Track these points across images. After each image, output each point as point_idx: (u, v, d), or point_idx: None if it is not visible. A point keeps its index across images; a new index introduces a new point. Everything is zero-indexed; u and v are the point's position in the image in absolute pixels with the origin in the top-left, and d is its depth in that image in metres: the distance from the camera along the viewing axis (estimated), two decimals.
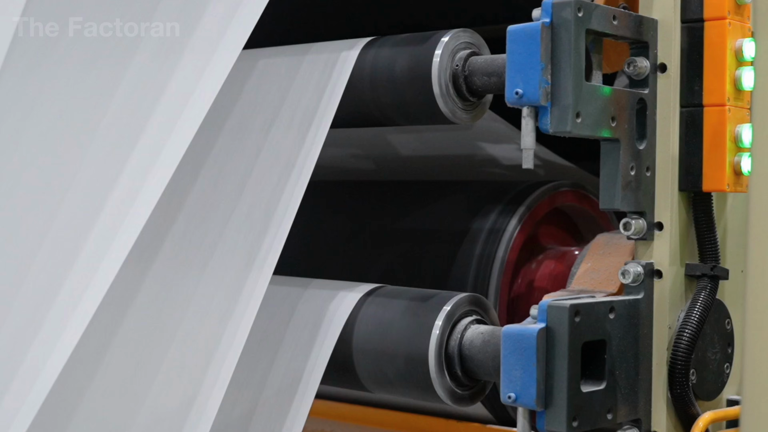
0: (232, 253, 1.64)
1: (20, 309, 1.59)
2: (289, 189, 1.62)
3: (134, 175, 1.58)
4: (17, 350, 1.54)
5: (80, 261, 1.56)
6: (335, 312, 1.66)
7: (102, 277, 1.52)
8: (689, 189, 1.54)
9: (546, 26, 1.42)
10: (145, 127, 1.60)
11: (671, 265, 1.53)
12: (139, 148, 1.59)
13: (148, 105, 1.61)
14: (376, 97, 1.67)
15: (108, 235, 1.55)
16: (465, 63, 1.61)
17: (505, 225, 1.86)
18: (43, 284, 1.58)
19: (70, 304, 1.53)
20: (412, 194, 2.13)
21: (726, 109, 1.51)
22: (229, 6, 1.63)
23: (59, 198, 1.63)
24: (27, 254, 1.61)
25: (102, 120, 1.65)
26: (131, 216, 1.55)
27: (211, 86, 1.58)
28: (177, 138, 1.57)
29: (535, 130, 1.43)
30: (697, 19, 1.53)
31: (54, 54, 1.73)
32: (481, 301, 1.65)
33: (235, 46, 1.60)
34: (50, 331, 1.54)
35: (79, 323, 1.51)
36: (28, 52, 1.72)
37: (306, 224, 1.72)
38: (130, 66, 1.66)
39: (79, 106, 1.69)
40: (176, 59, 1.63)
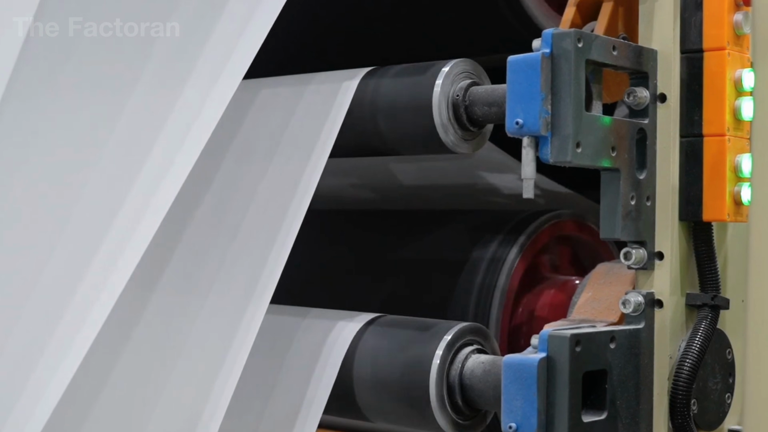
0: (231, 283, 1.64)
1: (20, 338, 1.59)
2: (289, 218, 1.62)
3: (135, 203, 1.58)
4: (17, 378, 1.54)
5: (81, 289, 1.56)
6: (335, 342, 1.65)
7: (102, 306, 1.52)
8: (689, 219, 1.54)
9: (546, 56, 1.42)
10: (146, 156, 1.60)
11: (672, 295, 1.53)
12: (141, 177, 1.60)
13: (149, 134, 1.62)
14: (377, 126, 1.68)
15: (108, 264, 1.55)
16: (465, 93, 1.62)
17: (506, 254, 1.86)
18: (42, 313, 1.58)
19: (69, 334, 1.53)
20: (412, 223, 2.13)
21: (726, 139, 1.52)
22: (232, 35, 1.63)
23: (60, 225, 1.63)
24: (27, 282, 1.61)
25: (103, 149, 1.65)
26: (131, 245, 1.55)
27: (212, 116, 1.58)
28: (178, 167, 1.57)
29: (535, 160, 1.44)
30: (697, 49, 1.53)
31: (56, 80, 1.74)
32: (482, 331, 1.64)
33: (237, 76, 1.60)
34: (49, 362, 1.53)
35: (78, 353, 1.51)
36: (30, 77, 1.73)
37: (306, 253, 1.72)
38: (132, 94, 1.66)
39: (80, 134, 1.69)
40: (178, 88, 1.63)
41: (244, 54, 1.61)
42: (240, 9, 1.65)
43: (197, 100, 1.61)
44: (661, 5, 1.54)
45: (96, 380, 1.57)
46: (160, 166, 1.59)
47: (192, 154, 1.57)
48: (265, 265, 1.60)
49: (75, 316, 1.54)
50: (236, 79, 1.60)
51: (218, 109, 1.58)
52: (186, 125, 1.60)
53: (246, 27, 1.63)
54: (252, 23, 1.63)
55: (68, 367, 1.51)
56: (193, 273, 1.67)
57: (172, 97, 1.63)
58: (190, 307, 1.64)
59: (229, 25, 1.64)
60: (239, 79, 1.60)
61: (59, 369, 1.51)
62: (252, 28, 1.62)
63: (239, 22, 1.64)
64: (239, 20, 1.64)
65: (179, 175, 1.56)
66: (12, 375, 1.55)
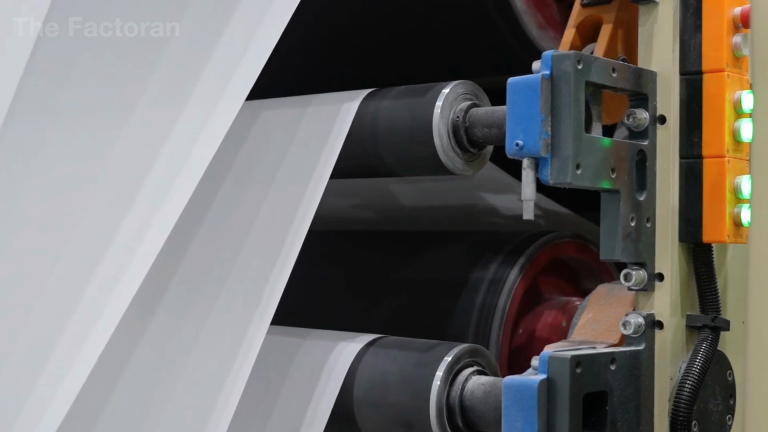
0: (232, 303, 1.64)
1: (20, 357, 1.59)
2: (290, 239, 1.62)
3: (137, 224, 1.58)
4: (17, 398, 1.54)
5: (82, 309, 1.56)
6: (335, 363, 1.65)
7: (104, 325, 1.52)
8: (689, 240, 1.54)
9: (546, 78, 1.42)
10: (147, 176, 1.61)
11: (672, 316, 1.53)
12: (141, 198, 1.60)
13: (150, 155, 1.62)
14: (377, 148, 1.68)
15: (110, 283, 1.56)
16: (465, 114, 1.62)
17: (506, 275, 1.86)
18: (44, 332, 1.58)
19: (71, 352, 1.53)
20: (412, 244, 2.13)
21: (725, 161, 1.52)
22: (233, 57, 1.64)
23: (59, 247, 1.63)
24: (28, 301, 1.61)
25: (104, 170, 1.66)
26: (133, 265, 1.55)
27: (214, 137, 1.59)
28: (179, 189, 1.58)
29: (535, 181, 1.44)
30: (696, 71, 1.54)
31: (56, 102, 1.74)
32: (482, 352, 1.64)
33: (238, 97, 1.61)
34: (51, 380, 1.53)
35: (80, 372, 1.51)
36: (33, 95, 1.73)
37: (306, 274, 1.72)
38: (134, 115, 1.67)
39: (81, 155, 1.70)
40: (179, 109, 1.64)
41: (246, 75, 1.62)
42: (242, 31, 1.65)
43: (199, 121, 1.62)
44: (661, 27, 1.55)
45: (97, 400, 1.57)
46: (160, 187, 1.59)
47: (193, 175, 1.57)
48: (266, 286, 1.60)
49: (75, 336, 1.54)
50: (238, 101, 1.60)
51: (220, 131, 1.59)
52: (187, 147, 1.60)
53: (248, 49, 1.64)
54: (253, 45, 1.63)
55: (68, 390, 1.51)
56: (194, 294, 1.67)
57: (173, 117, 1.63)
58: (190, 328, 1.64)
59: (231, 46, 1.65)
60: (241, 100, 1.60)
61: (58, 391, 1.51)
62: (253, 50, 1.63)
63: (241, 44, 1.64)
64: (241, 42, 1.65)
65: (180, 197, 1.57)
66: (5, 408, 1.55)
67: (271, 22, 1.63)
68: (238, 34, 1.65)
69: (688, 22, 1.54)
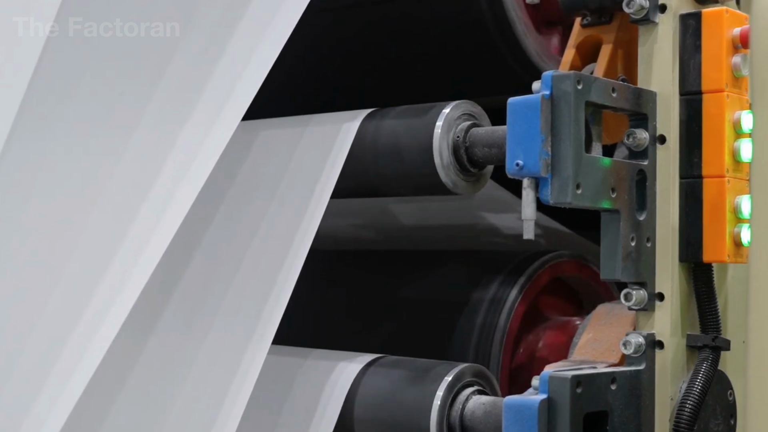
0: (232, 323, 1.64)
1: (19, 376, 1.58)
2: (290, 258, 1.62)
3: (135, 243, 1.58)
4: (16, 415, 1.54)
5: (81, 324, 1.56)
6: (336, 383, 1.65)
7: (102, 342, 1.52)
8: (690, 260, 1.54)
9: (546, 98, 1.43)
10: (146, 194, 1.61)
11: (672, 336, 1.53)
12: (141, 216, 1.60)
13: (149, 174, 1.62)
14: (378, 168, 1.68)
15: (110, 299, 1.56)
16: (466, 134, 1.62)
17: (506, 295, 1.86)
18: (44, 346, 1.58)
19: (69, 367, 1.53)
20: (412, 263, 2.13)
21: (725, 181, 1.52)
22: (232, 77, 1.64)
23: (63, 258, 1.63)
24: (29, 314, 1.61)
25: (103, 189, 1.66)
26: (131, 283, 1.55)
27: (211, 156, 1.59)
28: (177, 206, 1.58)
29: (535, 201, 1.44)
30: (696, 91, 1.54)
31: (60, 116, 1.74)
32: (483, 372, 1.64)
33: (236, 116, 1.61)
34: (50, 394, 1.53)
35: (77, 388, 1.51)
36: (32, 119, 1.73)
37: (306, 293, 1.72)
38: (133, 135, 1.67)
39: (80, 174, 1.70)
40: (177, 129, 1.64)
41: (244, 95, 1.62)
42: (242, 48, 1.66)
43: (196, 140, 1.62)
44: (660, 48, 1.55)
45: (94, 417, 1.56)
46: (159, 206, 1.59)
47: (190, 194, 1.57)
48: (267, 306, 1.60)
49: (74, 351, 1.54)
50: (235, 120, 1.60)
51: (216, 150, 1.59)
52: (184, 166, 1.60)
53: (246, 68, 1.64)
54: (252, 64, 1.64)
55: (66, 405, 1.51)
56: (194, 313, 1.67)
57: (172, 137, 1.63)
58: (190, 347, 1.64)
59: (230, 66, 1.65)
60: (238, 119, 1.60)
61: (65, 392, 1.51)
62: (252, 70, 1.63)
63: (239, 63, 1.65)
64: (240, 61, 1.65)
65: (178, 216, 1.57)
66: (11, 413, 1.55)
67: (271, 40, 1.64)
68: (239, 52, 1.66)
69: (687, 42, 1.55)
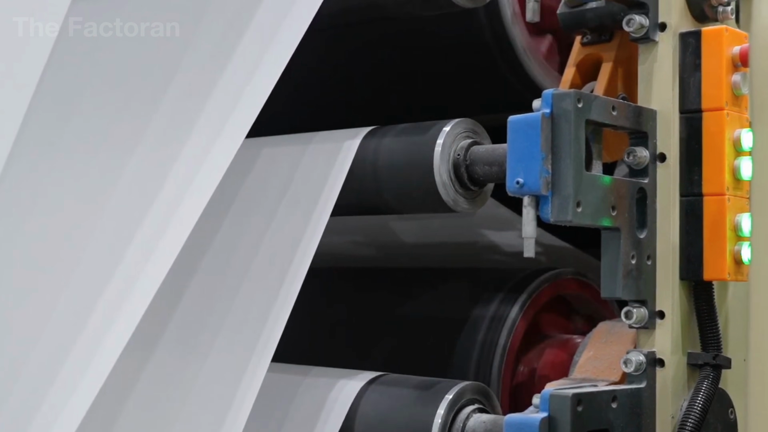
0: (232, 340, 1.64)
1: (18, 397, 1.58)
2: (290, 276, 1.62)
3: (137, 261, 1.58)
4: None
5: (80, 345, 1.56)
6: (336, 401, 1.65)
7: (103, 360, 1.52)
8: (690, 278, 1.54)
9: (546, 117, 1.43)
10: (147, 213, 1.61)
11: (673, 354, 1.53)
12: (143, 232, 1.60)
13: (150, 191, 1.63)
14: (378, 185, 1.69)
15: (109, 320, 1.55)
16: (466, 152, 1.63)
17: (507, 313, 1.86)
18: (45, 364, 1.58)
19: (68, 390, 1.53)
20: (413, 281, 2.13)
21: (725, 199, 1.52)
22: (234, 95, 1.65)
23: (64, 276, 1.63)
24: (29, 336, 1.61)
25: (106, 205, 1.66)
26: (133, 301, 1.55)
27: (214, 173, 1.59)
28: (178, 225, 1.58)
29: (536, 219, 1.44)
30: (696, 109, 1.55)
31: (60, 142, 1.75)
32: (484, 390, 1.64)
33: (239, 134, 1.61)
34: (50, 414, 1.53)
35: (77, 410, 1.50)
36: (35, 133, 1.73)
37: (307, 311, 1.72)
38: (135, 152, 1.68)
39: (83, 189, 1.70)
40: (180, 146, 1.64)
41: (246, 112, 1.62)
42: (244, 67, 1.66)
43: (199, 157, 1.62)
44: (660, 66, 1.56)
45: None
46: (161, 223, 1.60)
47: (193, 212, 1.57)
48: (267, 324, 1.60)
49: (74, 371, 1.54)
50: (238, 138, 1.61)
51: (220, 168, 1.59)
52: (187, 183, 1.61)
53: (247, 86, 1.64)
54: (255, 81, 1.64)
55: (72, 417, 1.50)
56: (194, 331, 1.67)
57: (175, 154, 1.64)
58: (190, 365, 1.64)
59: (232, 84, 1.66)
60: (241, 137, 1.61)
61: (64, 413, 1.51)
62: (254, 87, 1.64)
63: (241, 82, 1.65)
64: (241, 79, 1.66)
65: (180, 234, 1.57)
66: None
67: (273, 59, 1.64)
68: (241, 71, 1.66)
69: (687, 60, 1.55)
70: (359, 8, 1.79)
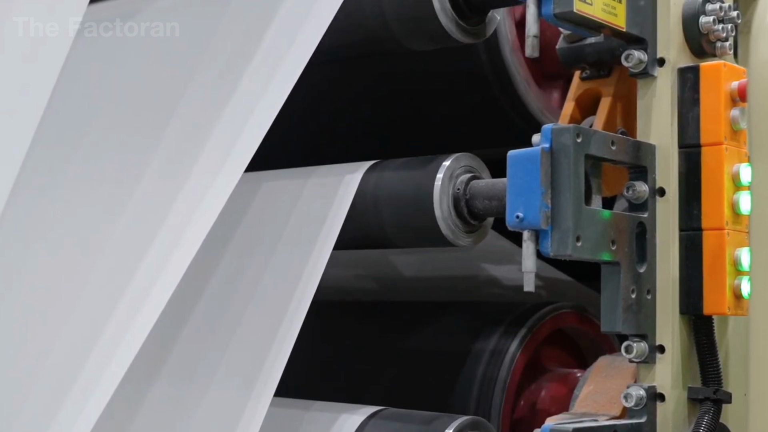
0: (233, 375, 1.64)
1: (21, 428, 1.58)
2: (291, 311, 1.62)
3: (136, 294, 1.59)
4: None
5: (80, 379, 1.56)
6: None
7: (100, 397, 1.52)
8: (690, 312, 1.54)
9: (546, 151, 1.43)
10: (148, 247, 1.61)
11: (674, 389, 1.53)
12: (142, 268, 1.60)
13: (151, 226, 1.63)
14: (379, 220, 1.69)
15: (108, 354, 1.55)
16: (466, 187, 1.63)
17: (507, 347, 1.86)
18: (43, 400, 1.57)
19: (70, 418, 1.53)
20: (413, 315, 2.13)
21: (725, 233, 1.53)
22: (234, 130, 1.65)
23: (63, 312, 1.63)
24: (29, 369, 1.61)
25: (107, 239, 1.66)
26: (132, 335, 1.55)
27: (213, 208, 1.60)
28: (178, 259, 1.58)
29: (535, 253, 1.44)
30: (695, 144, 1.55)
31: (63, 174, 1.75)
32: (484, 424, 1.64)
33: (238, 168, 1.62)
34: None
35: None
36: (36, 173, 1.74)
37: (307, 344, 1.72)
38: (136, 187, 1.68)
39: (83, 226, 1.70)
40: (180, 181, 1.65)
41: (247, 146, 1.63)
42: (244, 101, 1.67)
43: (199, 192, 1.62)
44: (659, 101, 1.56)
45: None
46: (160, 258, 1.60)
47: (192, 246, 1.58)
48: (268, 358, 1.60)
49: (76, 401, 1.54)
50: (238, 172, 1.61)
51: (219, 202, 1.60)
52: (187, 218, 1.61)
53: (248, 120, 1.65)
54: (254, 116, 1.65)
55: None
56: (195, 365, 1.66)
57: (175, 189, 1.64)
58: (190, 399, 1.64)
59: (232, 119, 1.67)
60: (241, 171, 1.61)
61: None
62: (254, 122, 1.65)
63: (242, 117, 1.66)
64: (243, 113, 1.66)
65: (179, 268, 1.57)
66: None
67: (274, 93, 1.65)
68: (241, 105, 1.67)
69: (686, 95, 1.56)
70: (358, 43, 1.80)
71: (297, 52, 1.65)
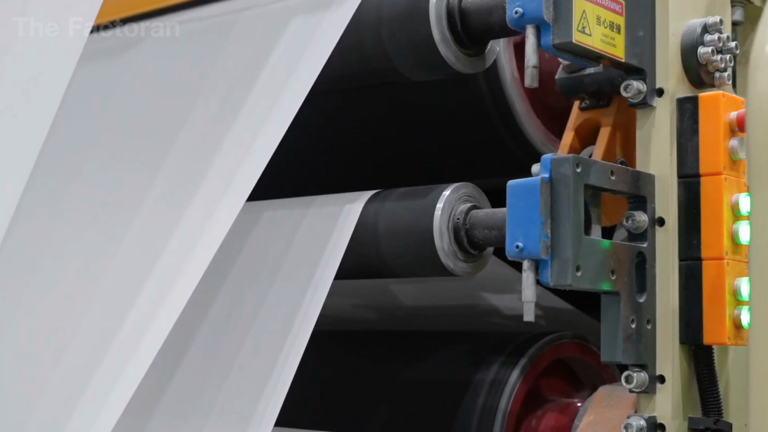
0: (231, 406, 1.63)
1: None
2: (290, 341, 1.62)
3: (137, 324, 1.58)
4: None
5: (81, 408, 1.55)
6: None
7: (101, 427, 1.51)
8: (690, 342, 1.54)
9: (545, 181, 1.44)
10: (149, 275, 1.61)
11: (674, 419, 1.52)
12: (143, 297, 1.60)
13: (151, 255, 1.63)
14: (379, 249, 1.69)
15: (106, 386, 1.55)
16: (466, 216, 1.64)
17: (507, 377, 1.85)
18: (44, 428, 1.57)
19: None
20: (413, 344, 2.13)
21: (724, 263, 1.53)
22: (234, 159, 1.66)
23: (62, 343, 1.63)
24: (29, 396, 1.61)
25: (107, 268, 1.66)
26: (132, 365, 1.55)
27: (214, 238, 1.60)
28: (179, 290, 1.58)
29: (535, 283, 1.44)
30: (694, 174, 1.55)
31: (62, 201, 1.75)
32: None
33: (239, 198, 1.62)
34: None
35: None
36: (39, 193, 1.74)
37: (306, 374, 1.71)
38: (136, 217, 1.68)
39: (84, 254, 1.70)
40: (181, 211, 1.65)
41: (247, 176, 1.63)
42: (245, 131, 1.68)
43: (200, 222, 1.63)
44: (658, 131, 1.57)
45: None
46: (161, 289, 1.60)
47: (193, 277, 1.58)
48: (266, 389, 1.60)
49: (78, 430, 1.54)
50: (239, 201, 1.62)
51: (220, 232, 1.60)
52: (188, 248, 1.61)
53: (249, 150, 1.66)
54: (255, 146, 1.65)
55: None
56: (194, 396, 1.66)
57: (175, 218, 1.64)
58: (189, 430, 1.63)
59: (234, 148, 1.67)
60: (242, 201, 1.62)
61: None
62: (255, 151, 1.65)
63: (243, 146, 1.66)
64: (243, 143, 1.67)
65: (180, 298, 1.57)
66: None
67: (275, 123, 1.65)
68: (243, 133, 1.68)
69: (685, 125, 1.56)
70: (358, 75, 1.81)
71: (298, 82, 1.66)
